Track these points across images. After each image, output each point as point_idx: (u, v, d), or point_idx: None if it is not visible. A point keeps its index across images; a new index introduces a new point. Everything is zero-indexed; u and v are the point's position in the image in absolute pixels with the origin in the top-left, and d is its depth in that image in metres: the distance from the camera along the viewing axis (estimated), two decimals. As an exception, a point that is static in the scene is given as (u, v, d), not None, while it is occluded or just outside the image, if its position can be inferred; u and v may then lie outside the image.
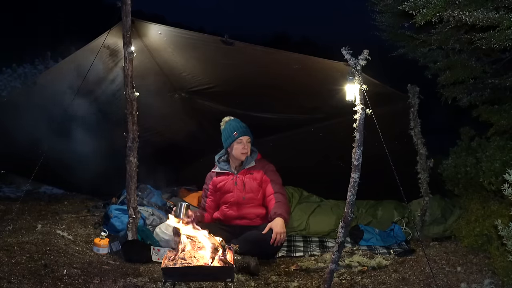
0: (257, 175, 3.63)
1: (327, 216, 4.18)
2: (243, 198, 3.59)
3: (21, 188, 4.98)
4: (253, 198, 3.60)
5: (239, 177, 3.63)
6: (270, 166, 3.70)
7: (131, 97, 3.20)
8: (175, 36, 3.36)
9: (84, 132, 3.94)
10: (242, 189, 3.60)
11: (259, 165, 3.67)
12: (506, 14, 2.56)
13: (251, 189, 3.60)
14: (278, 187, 3.60)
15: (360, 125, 2.51)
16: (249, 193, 3.60)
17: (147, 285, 2.80)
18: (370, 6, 3.84)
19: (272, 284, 2.97)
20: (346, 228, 2.58)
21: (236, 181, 3.62)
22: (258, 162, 3.69)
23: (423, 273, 2.98)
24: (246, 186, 3.60)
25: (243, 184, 3.60)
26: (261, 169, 3.64)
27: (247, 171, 3.65)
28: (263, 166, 3.66)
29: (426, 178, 3.68)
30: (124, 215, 3.71)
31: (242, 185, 3.60)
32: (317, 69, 3.33)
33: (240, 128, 3.60)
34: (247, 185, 3.60)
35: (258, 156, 3.74)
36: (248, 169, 3.65)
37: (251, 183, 3.61)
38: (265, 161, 3.73)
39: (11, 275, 2.60)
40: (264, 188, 3.63)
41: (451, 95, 3.88)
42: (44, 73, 5.53)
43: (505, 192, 2.15)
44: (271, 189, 3.58)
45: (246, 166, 3.65)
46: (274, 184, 3.60)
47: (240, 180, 3.62)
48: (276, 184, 3.61)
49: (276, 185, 3.61)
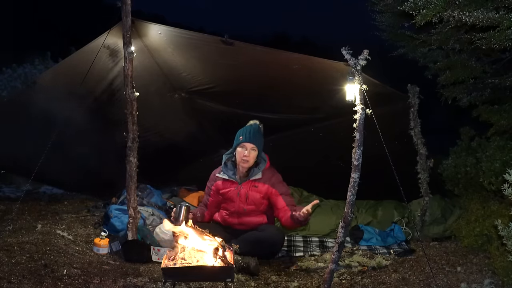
0: (261, 188, 3.50)
1: (327, 216, 4.18)
2: (244, 209, 3.52)
3: (21, 188, 4.98)
4: (254, 210, 3.54)
5: (243, 188, 3.52)
6: (277, 177, 3.57)
7: (131, 97, 3.20)
8: (175, 36, 3.36)
9: (84, 132, 3.95)
10: (244, 201, 3.51)
11: (265, 177, 3.52)
12: (506, 14, 2.56)
13: (253, 201, 3.51)
14: (288, 199, 3.52)
15: (360, 125, 2.51)
16: (251, 205, 3.51)
17: (147, 285, 2.80)
18: (370, 6, 3.85)
19: (272, 284, 2.97)
20: (346, 228, 2.58)
21: (239, 192, 3.51)
22: (265, 173, 3.53)
23: (423, 273, 2.98)
24: (249, 199, 3.50)
25: (246, 197, 3.50)
26: (267, 182, 3.50)
27: (252, 183, 3.52)
28: (269, 179, 3.52)
29: (426, 178, 3.69)
30: (124, 215, 3.71)
31: (245, 197, 3.50)
32: (317, 69, 3.33)
33: (247, 134, 3.48)
34: (249, 197, 3.50)
35: (267, 165, 3.59)
36: (253, 180, 3.52)
37: (254, 195, 3.50)
38: (272, 170, 3.59)
39: (11, 275, 2.60)
40: (274, 201, 3.51)
41: (451, 95, 3.88)
42: (44, 73, 5.53)
43: (505, 192, 2.15)
44: (283, 202, 3.46)
45: (251, 178, 3.52)
46: (284, 197, 3.50)
47: (244, 191, 3.51)
48: (286, 196, 3.52)
49: (287, 196, 3.52)
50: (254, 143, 3.46)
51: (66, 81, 3.70)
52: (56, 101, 3.63)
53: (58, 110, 3.54)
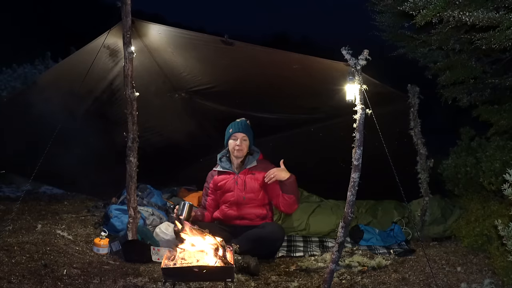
0: (258, 176, 3.59)
1: (327, 216, 4.18)
2: (243, 198, 3.58)
3: (21, 188, 4.98)
4: (254, 198, 3.59)
5: (240, 176, 3.62)
6: (273, 166, 3.63)
7: (131, 97, 3.20)
8: (175, 36, 3.35)
9: (84, 132, 3.95)
10: (243, 189, 3.58)
11: (261, 165, 3.64)
12: (506, 14, 2.56)
13: (251, 189, 3.58)
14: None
15: (360, 125, 2.51)
16: (250, 193, 3.58)
17: (147, 285, 2.80)
18: (370, 6, 3.85)
19: (272, 284, 2.97)
20: (346, 228, 2.58)
21: (237, 181, 3.61)
22: (260, 163, 3.67)
23: (423, 273, 2.98)
24: (247, 186, 3.58)
25: (244, 184, 3.59)
26: (263, 170, 3.59)
27: (249, 171, 3.63)
28: (265, 167, 3.60)
29: (426, 178, 3.68)
30: (124, 215, 3.71)
31: (243, 185, 3.59)
32: (317, 69, 3.33)
33: (236, 125, 3.61)
34: (248, 185, 3.59)
35: (260, 157, 3.72)
36: (249, 169, 3.63)
37: (252, 183, 3.59)
38: (267, 161, 3.71)
39: (11, 275, 2.60)
40: (271, 188, 3.57)
41: (451, 95, 3.88)
42: (44, 73, 5.53)
43: (505, 192, 2.15)
44: (279, 190, 3.52)
45: (247, 166, 3.63)
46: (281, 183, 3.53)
47: (241, 179, 3.60)
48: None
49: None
50: (244, 132, 3.60)
51: (66, 81, 3.70)
52: (56, 101, 3.63)
53: (58, 110, 3.54)
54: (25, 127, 3.99)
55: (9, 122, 3.99)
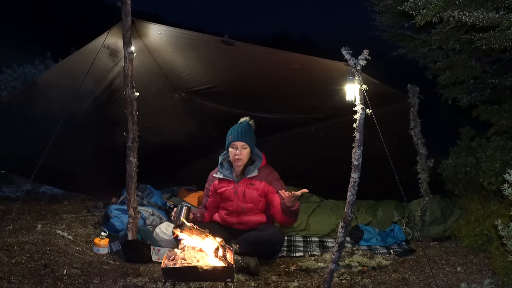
0: (258, 186, 3.49)
1: (327, 216, 4.18)
2: (242, 208, 3.50)
3: (21, 188, 4.98)
4: (253, 208, 3.52)
5: (240, 186, 3.51)
6: (274, 175, 3.56)
7: (131, 97, 3.20)
8: (175, 36, 3.35)
9: (84, 132, 3.94)
10: (242, 199, 3.49)
11: (262, 174, 3.51)
12: (506, 14, 2.56)
13: (251, 199, 3.49)
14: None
15: (360, 125, 2.51)
16: (249, 203, 3.49)
17: (147, 285, 2.80)
18: (370, 6, 3.85)
19: (272, 284, 2.97)
20: (346, 228, 2.57)
21: (236, 191, 3.50)
22: (262, 171, 3.52)
23: (423, 273, 2.98)
24: (246, 197, 3.49)
25: (243, 195, 3.49)
26: (264, 179, 3.49)
27: (249, 180, 3.52)
28: (266, 176, 3.51)
29: (426, 178, 3.69)
30: (124, 215, 3.71)
31: (242, 195, 3.49)
32: (317, 69, 3.33)
33: (235, 133, 3.46)
34: (247, 195, 3.49)
35: (263, 162, 3.58)
36: (249, 178, 3.51)
37: (252, 193, 3.48)
38: (269, 168, 3.58)
39: (11, 275, 2.60)
40: (270, 198, 3.49)
41: (451, 95, 3.88)
42: (44, 73, 5.53)
43: (505, 192, 2.15)
44: (279, 200, 3.40)
45: (247, 175, 3.51)
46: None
47: (241, 190, 3.49)
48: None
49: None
50: (243, 140, 3.44)
51: (66, 81, 3.70)
52: (56, 101, 3.63)
53: (58, 110, 3.54)
54: (25, 127, 3.99)
55: (9, 122, 3.99)
